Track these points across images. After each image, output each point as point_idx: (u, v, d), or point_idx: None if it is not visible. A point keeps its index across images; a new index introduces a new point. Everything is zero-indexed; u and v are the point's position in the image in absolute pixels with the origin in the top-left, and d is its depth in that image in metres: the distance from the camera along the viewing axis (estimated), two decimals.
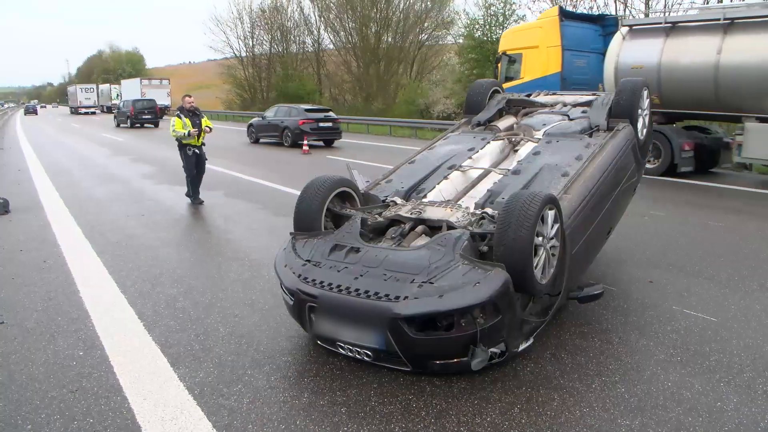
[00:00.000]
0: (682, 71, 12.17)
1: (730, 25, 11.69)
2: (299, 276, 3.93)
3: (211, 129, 10.28)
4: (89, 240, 7.66)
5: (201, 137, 10.03)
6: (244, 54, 51.97)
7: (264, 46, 51.28)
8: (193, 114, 9.92)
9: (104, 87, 67.80)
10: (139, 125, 35.53)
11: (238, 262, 6.63)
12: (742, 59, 11.36)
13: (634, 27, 13.50)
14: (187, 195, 10.33)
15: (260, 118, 24.25)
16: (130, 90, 50.83)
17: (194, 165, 10.10)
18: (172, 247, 7.44)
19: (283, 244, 4.43)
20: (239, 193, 11.21)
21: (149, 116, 35.82)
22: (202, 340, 4.51)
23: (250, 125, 24.50)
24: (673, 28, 12.69)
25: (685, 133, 13.10)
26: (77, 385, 3.83)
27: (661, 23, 13.07)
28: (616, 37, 13.64)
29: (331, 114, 23.01)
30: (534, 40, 14.94)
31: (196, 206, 10.03)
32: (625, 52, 13.29)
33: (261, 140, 23.52)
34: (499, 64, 15.79)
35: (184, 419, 3.42)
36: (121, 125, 36.63)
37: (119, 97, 48.46)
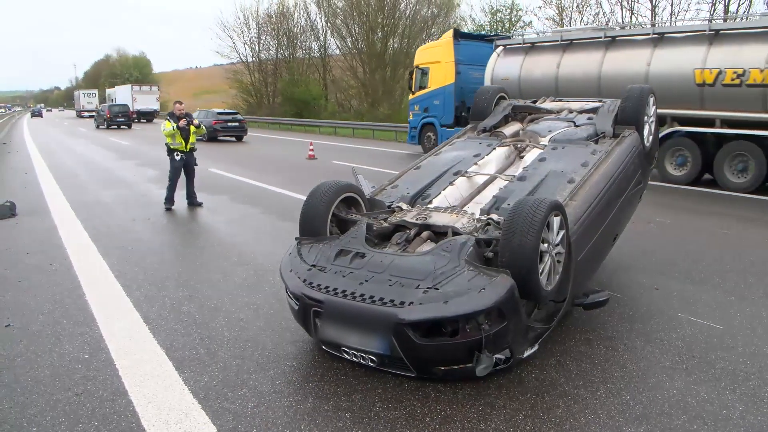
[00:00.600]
0: (535, 81, 15.33)
1: (569, 45, 15.14)
2: (304, 281, 3.94)
3: (201, 126, 10.39)
4: (95, 243, 7.69)
5: (189, 142, 10.13)
6: (250, 59, 52.09)
7: (270, 52, 51.42)
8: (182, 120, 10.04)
9: (111, 91, 69.68)
10: (115, 126, 40.69)
11: (243, 266, 6.64)
12: (572, 72, 14.73)
13: (506, 46, 16.83)
14: (165, 201, 10.15)
15: None
16: (122, 95, 56.01)
17: (180, 171, 10.17)
18: (178, 251, 7.47)
19: (289, 249, 4.44)
20: (245, 198, 11.24)
21: (123, 119, 41.37)
22: (207, 344, 4.51)
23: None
24: (531, 48, 16.13)
25: None
26: (82, 388, 3.84)
27: (521, 44, 16.44)
28: (493, 55, 16.98)
29: (238, 116, 29.37)
30: (437, 56, 18.67)
31: (194, 209, 10.06)
32: (498, 67, 16.66)
33: None
34: (413, 76, 19.43)
35: (189, 423, 3.42)
36: (100, 127, 41.92)
37: (114, 101, 54.39)
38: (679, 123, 13.01)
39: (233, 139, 27.96)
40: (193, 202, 10.35)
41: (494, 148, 5.90)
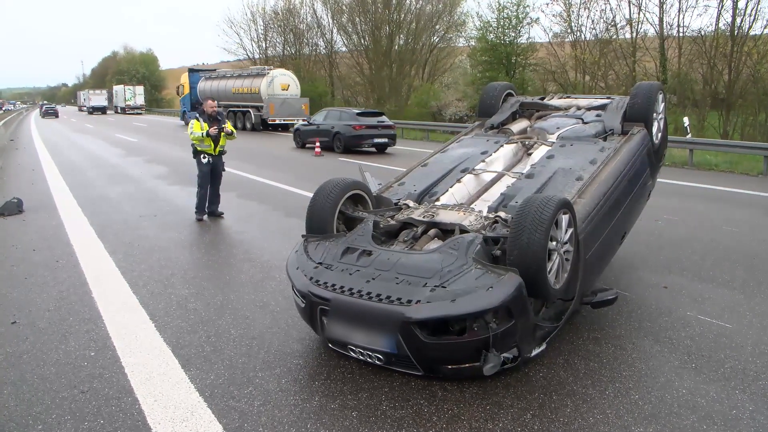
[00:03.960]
0: (209, 92, 32.40)
1: (216, 77, 37.25)
2: (311, 279, 3.92)
3: (233, 133, 9.16)
4: (102, 240, 7.70)
5: (219, 145, 8.96)
6: (257, 56, 52.09)
7: (277, 48, 51.41)
8: (214, 119, 8.91)
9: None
10: (46, 116, 60.73)
11: (249, 263, 6.64)
12: (212, 89, 34.76)
13: (204, 77, 37.85)
14: (196, 211, 9.10)
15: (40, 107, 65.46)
16: (84, 96, 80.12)
17: (208, 176, 8.99)
18: (185, 248, 7.47)
19: (295, 247, 4.43)
20: (252, 195, 11.23)
21: (52, 112, 62.45)
22: (214, 342, 4.51)
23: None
24: (208, 77, 37.51)
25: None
26: (88, 385, 3.84)
27: (205, 75, 38.21)
28: (200, 80, 37.35)
29: (54, 106, 66.66)
30: (184, 80, 38.67)
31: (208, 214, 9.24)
32: (199, 86, 36.46)
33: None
34: (178, 88, 39.85)
35: (195, 421, 3.41)
36: (43, 117, 60.71)
37: (85, 99, 78.49)
38: (232, 107, 33.35)
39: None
40: (214, 211, 9.25)
41: (502, 145, 5.86)
